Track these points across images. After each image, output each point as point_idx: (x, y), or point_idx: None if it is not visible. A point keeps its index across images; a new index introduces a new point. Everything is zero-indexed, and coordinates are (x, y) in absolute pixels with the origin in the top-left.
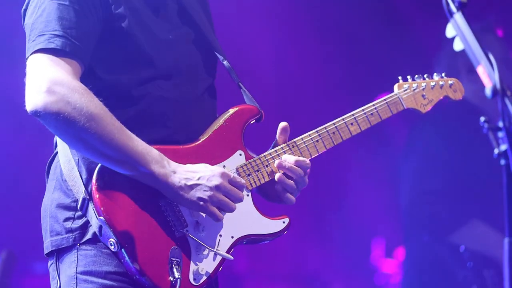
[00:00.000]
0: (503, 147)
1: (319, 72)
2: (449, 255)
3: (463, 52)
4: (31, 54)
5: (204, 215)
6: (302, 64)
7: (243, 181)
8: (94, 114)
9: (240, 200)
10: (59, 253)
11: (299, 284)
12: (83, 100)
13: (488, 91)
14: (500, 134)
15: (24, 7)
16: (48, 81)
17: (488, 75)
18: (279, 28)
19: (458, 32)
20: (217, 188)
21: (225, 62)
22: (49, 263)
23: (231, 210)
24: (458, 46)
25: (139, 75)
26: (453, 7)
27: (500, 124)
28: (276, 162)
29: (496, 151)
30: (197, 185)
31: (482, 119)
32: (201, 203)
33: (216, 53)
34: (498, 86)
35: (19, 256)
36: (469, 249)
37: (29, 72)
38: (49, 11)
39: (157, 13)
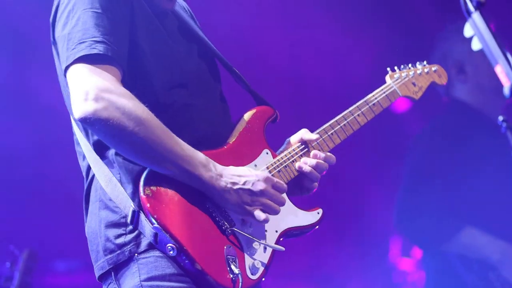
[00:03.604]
0: None
1: (326, 75)
2: (457, 259)
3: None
4: (72, 63)
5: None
6: (311, 67)
7: (285, 185)
8: (143, 118)
9: (282, 203)
10: (116, 270)
11: (316, 283)
12: (131, 105)
13: (506, 89)
14: None
15: (52, 18)
16: (95, 88)
17: (506, 74)
18: (290, 30)
19: (476, 31)
20: (261, 193)
21: (232, 70)
22: (105, 286)
23: (276, 213)
24: (476, 45)
25: (160, 88)
26: (471, 7)
27: None
28: (312, 154)
29: None
30: (242, 189)
31: (500, 118)
32: (247, 206)
33: (221, 62)
34: None
35: (40, 255)
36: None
37: (74, 80)
38: (85, 20)
39: (166, 30)
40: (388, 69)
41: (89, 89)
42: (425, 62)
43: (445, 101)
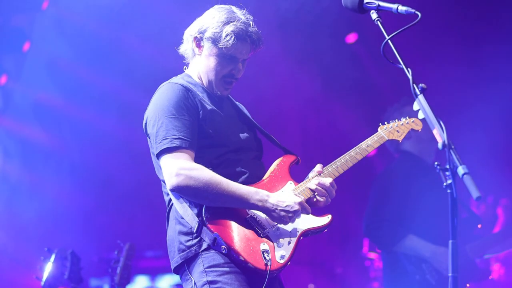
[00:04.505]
0: (449, 181)
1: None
2: (403, 255)
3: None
4: (160, 152)
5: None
6: (319, 119)
7: (310, 208)
8: (208, 181)
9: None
10: (188, 262)
11: (315, 264)
12: (199, 174)
13: (440, 145)
14: (447, 173)
15: (144, 123)
16: (176, 168)
17: (439, 135)
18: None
19: (421, 107)
20: (294, 212)
21: (268, 135)
22: (181, 275)
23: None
24: (420, 115)
25: (217, 152)
26: (417, 91)
27: (447, 166)
28: (318, 181)
29: (445, 183)
30: (283, 210)
31: (436, 163)
32: (285, 219)
33: (261, 132)
34: (446, 142)
35: (136, 246)
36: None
37: (163, 164)
38: (166, 123)
39: (224, 113)
40: (380, 123)
41: (172, 169)
42: (407, 117)
43: (397, 155)
